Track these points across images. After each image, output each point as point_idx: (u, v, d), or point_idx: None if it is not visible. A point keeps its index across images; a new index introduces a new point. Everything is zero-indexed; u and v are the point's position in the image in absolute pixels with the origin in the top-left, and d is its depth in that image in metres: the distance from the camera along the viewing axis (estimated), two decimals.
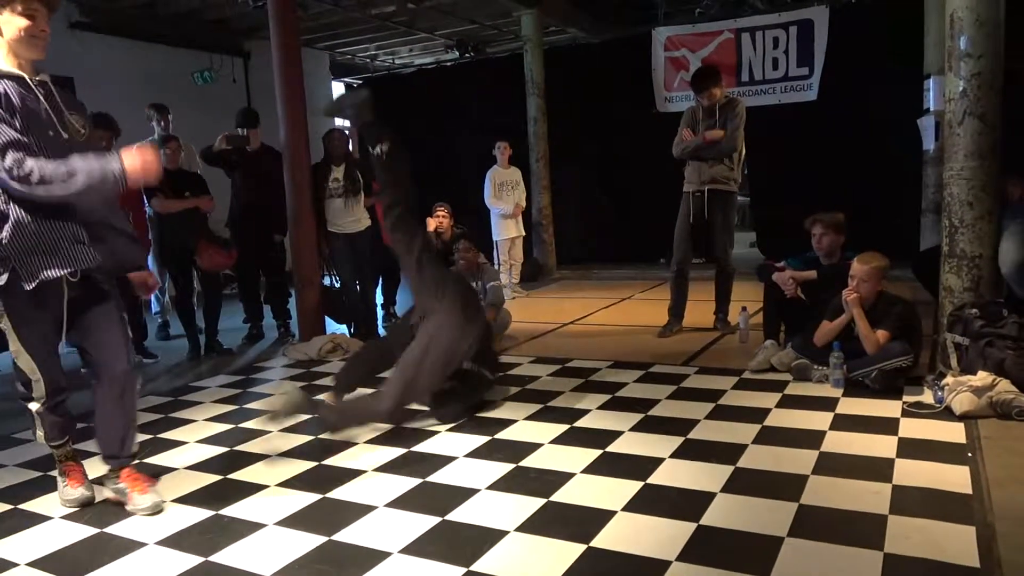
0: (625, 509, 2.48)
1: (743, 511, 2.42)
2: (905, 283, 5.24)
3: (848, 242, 4.26)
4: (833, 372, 3.71)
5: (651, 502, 2.53)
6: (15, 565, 2.33)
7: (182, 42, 8.84)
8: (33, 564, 2.33)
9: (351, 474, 2.91)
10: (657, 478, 2.73)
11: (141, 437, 3.53)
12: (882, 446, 2.92)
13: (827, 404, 3.49)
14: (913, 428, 3.11)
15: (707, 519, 2.37)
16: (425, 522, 2.46)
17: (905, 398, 3.49)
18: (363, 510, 2.57)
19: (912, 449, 2.87)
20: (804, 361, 3.91)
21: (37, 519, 2.67)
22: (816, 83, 8.02)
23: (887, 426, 3.15)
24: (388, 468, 2.97)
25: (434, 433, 3.38)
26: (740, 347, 4.76)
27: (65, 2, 7.73)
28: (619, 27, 9.71)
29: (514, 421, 3.49)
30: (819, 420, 3.27)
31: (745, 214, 10.63)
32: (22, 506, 2.80)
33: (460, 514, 2.51)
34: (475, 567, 2.16)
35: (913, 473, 2.65)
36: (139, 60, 8.34)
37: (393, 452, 3.14)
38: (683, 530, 2.31)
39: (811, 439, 3.03)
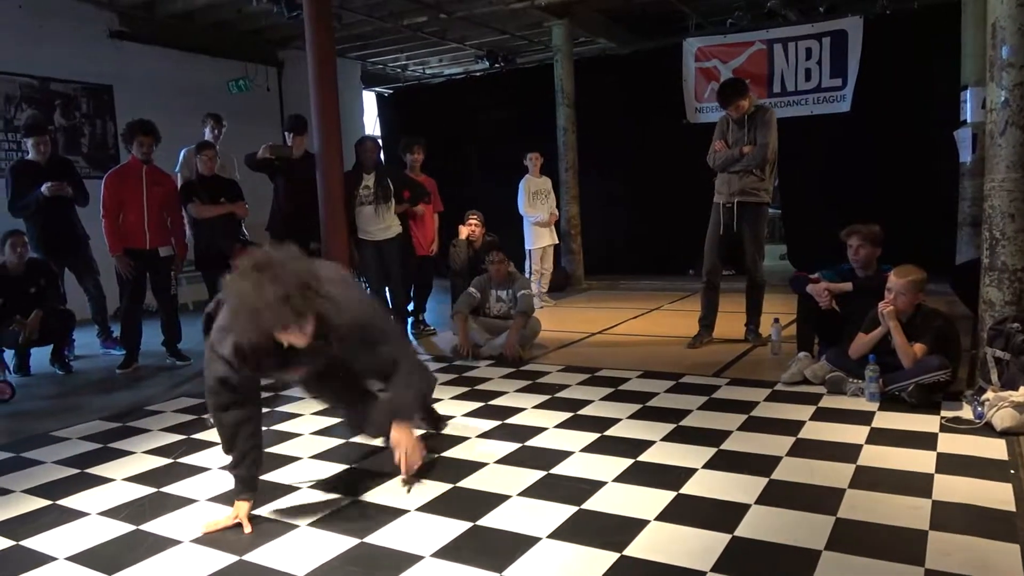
0: (658, 519, 2.45)
1: (779, 523, 2.38)
2: (942, 297, 5.16)
3: (883, 255, 4.20)
4: (868, 385, 3.65)
5: (684, 512, 2.50)
6: (54, 559, 2.36)
7: (218, 52, 9.00)
8: (71, 559, 2.36)
9: (383, 478, 2.92)
10: (690, 488, 2.70)
11: (176, 438, 3.60)
12: (920, 461, 2.87)
13: (863, 418, 3.43)
14: (952, 443, 3.05)
15: (742, 530, 2.34)
16: (457, 527, 2.46)
17: (943, 413, 3.42)
18: (395, 513, 2.58)
19: (952, 465, 2.82)
20: (839, 374, 3.86)
21: (74, 515, 2.71)
22: (850, 94, 7.95)
23: (925, 441, 3.09)
24: (419, 473, 2.97)
25: (464, 439, 3.38)
26: (772, 359, 4.71)
27: (106, 12, 7.93)
28: (649, 38, 9.71)
29: (544, 429, 3.48)
30: (855, 433, 3.21)
31: (775, 226, 10.54)
32: (60, 502, 2.84)
33: (492, 520, 2.51)
34: (507, 573, 2.15)
35: (953, 489, 2.59)
36: (177, 69, 8.50)
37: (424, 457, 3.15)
38: (718, 541, 2.28)
39: (847, 452, 2.99)
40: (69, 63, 7.64)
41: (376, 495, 2.76)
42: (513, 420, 3.65)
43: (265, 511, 2.66)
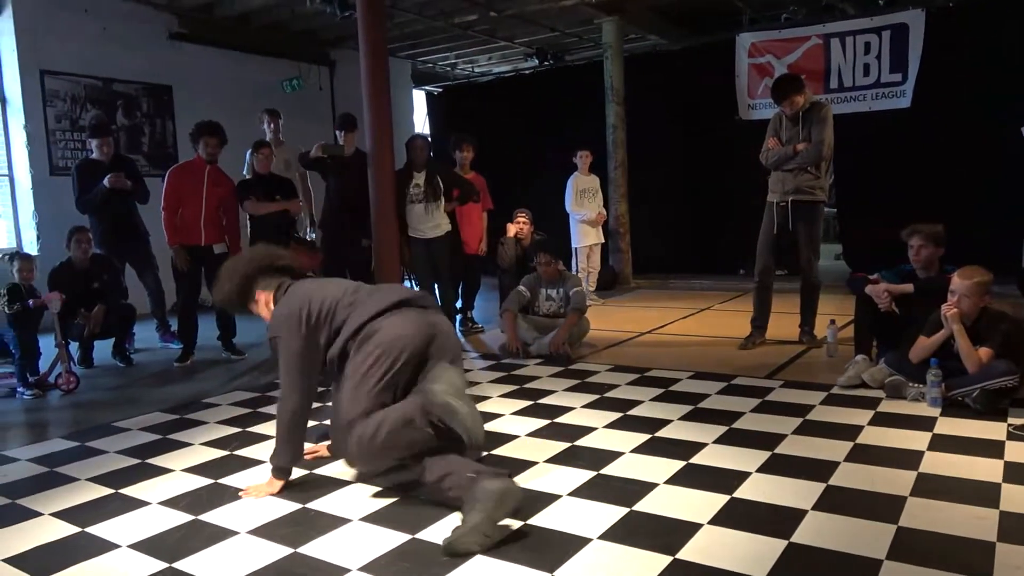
0: (711, 522, 2.41)
1: (837, 530, 2.32)
2: (1008, 299, 4.97)
3: (946, 255, 4.07)
4: (930, 390, 3.54)
5: (738, 516, 2.46)
6: (117, 546, 2.44)
7: (272, 52, 9.18)
8: (133, 546, 2.43)
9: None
10: (744, 492, 2.65)
11: (231, 431, 3.68)
12: (986, 469, 2.77)
13: (924, 423, 3.32)
14: (1020, 452, 2.93)
15: (798, 537, 2.29)
16: (507, 525, 2.45)
17: (1010, 420, 3.30)
18: (446, 510, 2.58)
19: (1020, 474, 2.71)
20: (898, 378, 3.75)
21: (136, 504, 2.79)
22: (910, 89, 7.70)
23: (991, 449, 2.98)
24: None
25: (513, 438, 3.38)
26: (828, 361, 4.60)
27: (166, 14, 8.15)
28: (701, 34, 9.57)
29: (594, 428, 3.45)
30: (916, 440, 3.12)
31: (830, 225, 10.29)
32: (122, 491, 2.93)
33: (542, 519, 2.50)
34: (558, 573, 2.14)
35: (1023, 500, 2.49)
36: (232, 69, 8.70)
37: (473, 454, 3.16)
38: (773, 547, 2.23)
39: (908, 459, 2.90)
40: (131, 64, 7.88)
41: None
42: (562, 419, 3.64)
43: (318, 505, 2.70)
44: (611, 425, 3.50)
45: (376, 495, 2.77)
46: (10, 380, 4.74)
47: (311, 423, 2.84)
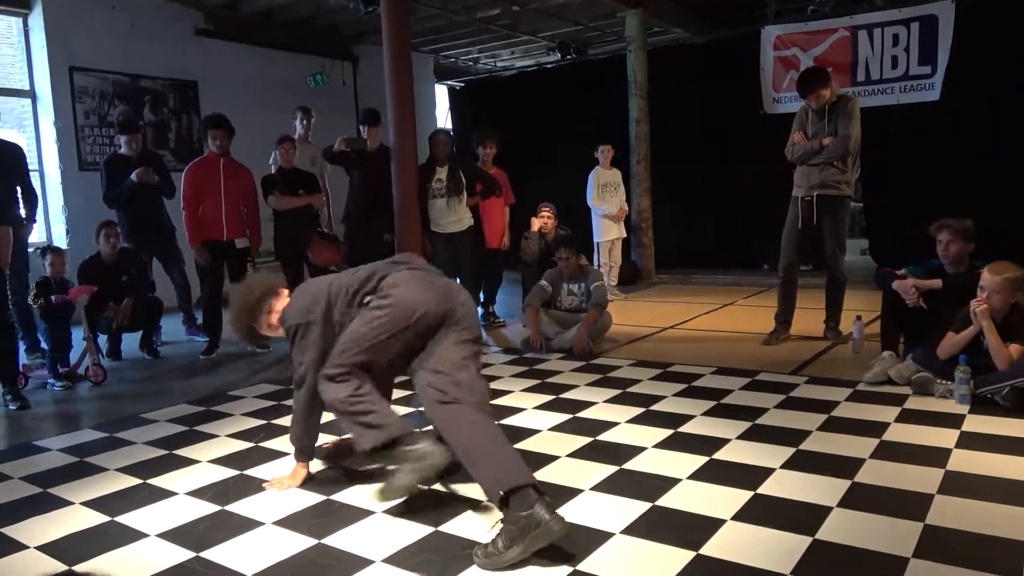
0: (735, 518, 2.40)
1: (863, 528, 2.30)
2: None
3: (976, 251, 4.00)
4: (959, 387, 3.48)
5: (762, 512, 2.44)
6: (146, 535, 2.48)
7: (296, 47, 9.23)
8: (161, 535, 2.47)
9: (454, 468, 2.94)
10: (768, 488, 2.63)
11: (257, 423, 3.72)
12: (1016, 468, 2.72)
13: (952, 421, 3.28)
14: None
15: (823, 534, 2.27)
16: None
17: None
18: (468, 503, 2.60)
19: None
20: (926, 374, 3.70)
21: (163, 494, 2.84)
22: (939, 82, 7.57)
23: (1021, 447, 2.93)
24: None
25: (535, 432, 3.39)
26: (853, 358, 4.55)
27: (192, 10, 8.22)
28: (725, 27, 9.48)
29: (616, 423, 3.45)
30: (944, 437, 3.08)
31: (856, 220, 10.17)
32: (150, 481, 2.97)
33: (564, 513, 2.44)
34: (581, 567, 2.14)
35: None
36: (257, 65, 8.77)
37: None
38: (798, 543, 2.21)
39: (935, 457, 2.86)
40: (157, 60, 7.97)
41: (450, 485, 2.78)
42: (584, 414, 3.63)
43: (342, 497, 2.72)
44: (633, 420, 3.49)
45: None
46: (41, 372, 4.83)
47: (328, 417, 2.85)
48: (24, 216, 5.14)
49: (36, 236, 7.33)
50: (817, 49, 8.20)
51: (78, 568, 2.28)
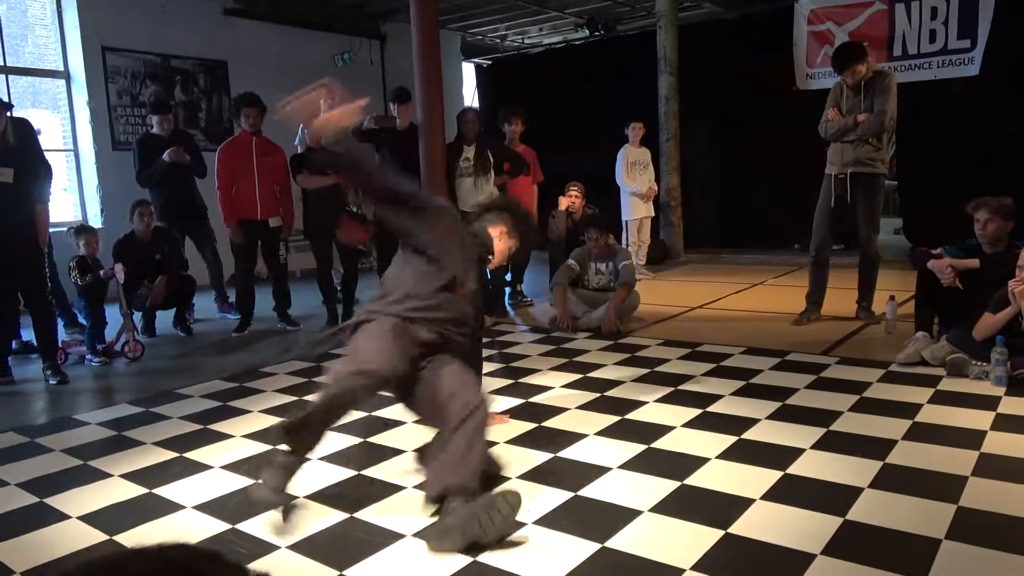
0: (764, 498, 2.40)
1: (894, 509, 2.28)
2: None
3: (1015, 230, 3.91)
4: (995, 369, 3.43)
5: (792, 492, 2.43)
6: (182, 507, 2.54)
7: (324, 26, 9.24)
8: (198, 508, 2.53)
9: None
10: (798, 468, 2.62)
11: (288, 399, 3.78)
12: None
13: (988, 403, 3.23)
14: None
15: (854, 514, 2.26)
16: (558, 496, 2.48)
17: None
18: (497, 481, 2.61)
19: None
20: (961, 355, 3.64)
21: (199, 467, 2.90)
22: (979, 56, 7.36)
23: None
24: (519, 442, 3.01)
25: (564, 410, 3.40)
26: (886, 338, 4.49)
27: None
28: (758, 1, 9.29)
29: (644, 403, 3.45)
30: (979, 419, 3.03)
31: (890, 198, 9.97)
32: (186, 455, 3.04)
33: (593, 491, 2.51)
34: (609, 544, 2.15)
35: None
36: (285, 44, 8.79)
37: (524, 426, 3.19)
38: (828, 524, 2.21)
39: (970, 438, 2.82)
40: (187, 41, 8.03)
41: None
42: (612, 393, 3.64)
43: (374, 472, 2.76)
44: (662, 399, 3.49)
45: None
46: (80, 348, 4.95)
47: None
48: None
49: (71, 215, 7.48)
50: (853, 23, 8.01)
51: (117, 538, 2.34)
